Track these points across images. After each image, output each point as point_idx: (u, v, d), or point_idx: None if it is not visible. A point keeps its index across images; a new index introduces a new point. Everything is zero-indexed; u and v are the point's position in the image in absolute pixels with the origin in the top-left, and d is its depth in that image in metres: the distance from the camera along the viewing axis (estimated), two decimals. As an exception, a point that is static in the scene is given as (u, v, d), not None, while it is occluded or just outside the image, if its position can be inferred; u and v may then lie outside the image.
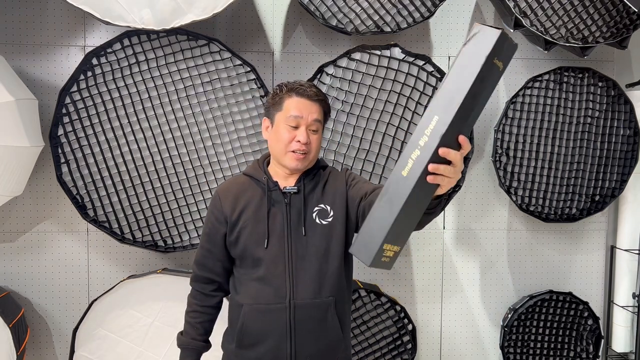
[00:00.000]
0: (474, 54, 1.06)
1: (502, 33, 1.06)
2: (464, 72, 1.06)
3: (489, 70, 1.07)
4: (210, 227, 1.61)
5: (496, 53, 1.06)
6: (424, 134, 1.08)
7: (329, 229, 1.55)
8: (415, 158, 1.08)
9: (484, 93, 1.10)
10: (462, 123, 1.09)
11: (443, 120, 1.06)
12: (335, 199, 1.58)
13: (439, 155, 1.07)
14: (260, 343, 1.54)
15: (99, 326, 2.26)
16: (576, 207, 2.67)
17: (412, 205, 1.10)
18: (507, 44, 1.08)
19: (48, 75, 2.49)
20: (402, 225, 1.12)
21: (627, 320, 2.77)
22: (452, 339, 2.83)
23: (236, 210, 1.56)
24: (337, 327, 1.58)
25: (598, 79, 2.61)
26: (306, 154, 1.53)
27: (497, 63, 1.08)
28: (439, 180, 1.10)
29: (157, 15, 2.08)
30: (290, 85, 1.56)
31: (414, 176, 1.08)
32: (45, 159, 2.44)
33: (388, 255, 1.14)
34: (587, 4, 2.40)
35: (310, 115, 1.53)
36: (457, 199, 2.75)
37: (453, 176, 1.11)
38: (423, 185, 1.09)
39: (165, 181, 2.32)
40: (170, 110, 2.29)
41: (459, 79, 1.07)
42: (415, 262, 2.77)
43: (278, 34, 2.62)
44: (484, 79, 1.07)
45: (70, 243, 2.55)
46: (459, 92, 1.06)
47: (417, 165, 1.08)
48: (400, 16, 2.36)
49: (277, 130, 1.55)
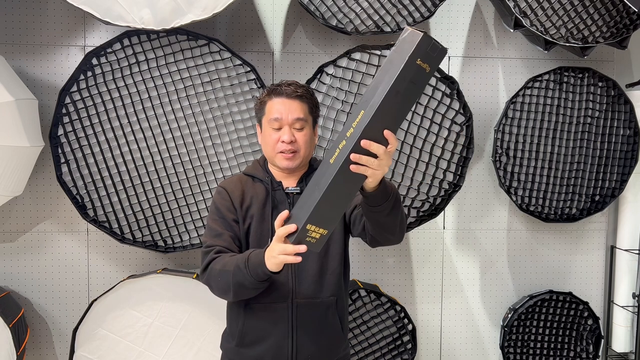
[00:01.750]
0: (399, 54, 1.15)
1: (425, 36, 1.13)
2: (389, 71, 1.15)
3: (412, 71, 1.15)
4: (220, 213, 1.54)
5: (419, 54, 1.14)
6: (351, 126, 1.18)
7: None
8: (341, 147, 1.19)
9: (409, 92, 1.17)
10: (387, 118, 1.17)
11: (367, 114, 1.15)
12: None
13: (361, 146, 1.17)
14: (262, 341, 1.54)
15: (99, 326, 2.26)
16: (576, 207, 2.67)
17: (336, 190, 1.19)
18: (431, 46, 1.15)
19: (48, 75, 2.49)
20: (327, 209, 1.21)
21: (627, 320, 2.77)
22: (452, 339, 2.83)
23: (244, 205, 1.56)
24: (338, 326, 1.59)
25: (598, 79, 2.61)
26: (295, 152, 1.53)
27: (421, 65, 1.16)
28: (362, 170, 1.19)
29: (157, 15, 2.08)
30: (270, 88, 1.57)
31: (337, 163, 1.18)
32: (45, 159, 2.44)
33: (313, 236, 1.24)
34: (587, 4, 2.40)
35: (291, 114, 1.52)
36: (457, 199, 2.75)
37: (377, 168, 1.20)
38: (347, 173, 1.18)
39: (165, 181, 2.32)
40: (170, 110, 2.29)
41: (383, 77, 1.16)
42: (415, 262, 2.77)
43: (278, 34, 2.62)
44: (406, 78, 1.15)
45: (70, 243, 2.55)
46: (382, 89, 1.14)
47: (342, 154, 1.18)
48: (400, 16, 2.36)
49: (264, 134, 1.57)
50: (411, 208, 2.39)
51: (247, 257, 1.39)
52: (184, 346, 2.28)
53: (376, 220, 1.39)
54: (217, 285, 1.46)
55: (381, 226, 1.41)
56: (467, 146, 2.38)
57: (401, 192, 2.35)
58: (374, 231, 1.44)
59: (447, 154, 2.37)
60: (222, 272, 1.43)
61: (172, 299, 2.28)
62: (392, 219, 1.39)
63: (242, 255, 1.43)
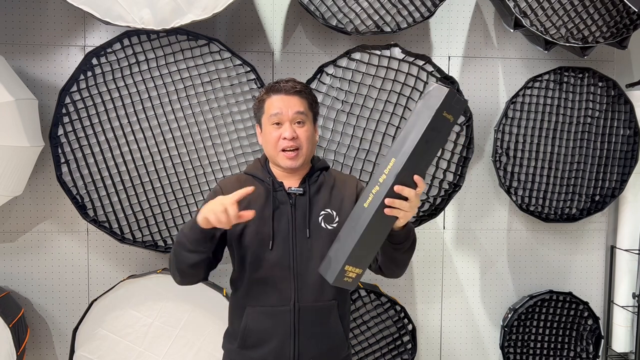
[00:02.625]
0: (427, 107, 1.28)
1: (450, 91, 1.27)
2: (418, 122, 1.27)
3: (439, 121, 1.28)
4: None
5: (445, 107, 1.27)
6: (383, 172, 1.29)
7: (334, 235, 1.54)
8: (375, 193, 1.29)
9: (436, 141, 1.30)
10: (417, 165, 1.29)
11: (399, 161, 1.27)
12: (342, 206, 1.58)
13: (395, 191, 1.27)
14: (264, 344, 1.54)
15: (99, 326, 2.26)
16: (576, 207, 2.67)
17: (372, 233, 1.30)
18: (455, 99, 1.28)
19: (48, 75, 2.49)
20: (363, 250, 1.31)
21: (627, 320, 2.77)
22: (452, 339, 2.83)
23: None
24: (340, 329, 1.59)
25: (598, 79, 2.61)
26: (297, 149, 1.52)
27: (446, 116, 1.28)
28: (396, 212, 1.29)
29: (157, 15, 2.08)
30: (268, 86, 1.58)
31: (372, 208, 1.28)
32: (45, 159, 2.44)
33: (350, 276, 1.33)
34: (587, 4, 2.40)
35: (291, 109, 1.52)
36: (457, 199, 2.75)
37: (408, 210, 1.30)
38: (381, 217, 1.29)
39: (165, 181, 2.32)
40: (170, 110, 2.29)
41: (413, 127, 1.28)
42: (415, 262, 2.77)
43: (278, 34, 2.62)
44: (434, 129, 1.27)
45: (70, 243, 2.55)
46: (412, 139, 1.27)
47: (376, 198, 1.28)
48: (400, 16, 2.36)
49: (265, 133, 1.56)
50: (411, 208, 2.38)
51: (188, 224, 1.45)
52: (184, 346, 2.28)
53: (393, 256, 1.48)
54: (171, 267, 1.51)
55: (395, 261, 1.51)
56: (467, 146, 2.38)
57: (401, 192, 2.35)
58: (386, 265, 1.53)
59: (447, 154, 2.37)
60: (173, 251, 1.49)
61: (172, 299, 2.28)
62: (407, 256, 1.50)
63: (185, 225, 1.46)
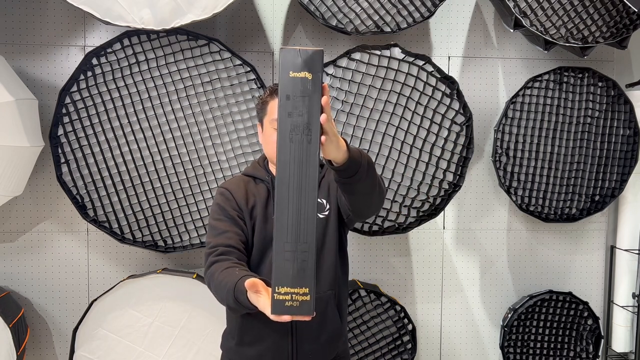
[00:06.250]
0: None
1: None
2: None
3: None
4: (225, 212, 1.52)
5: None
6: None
7: (325, 222, 1.57)
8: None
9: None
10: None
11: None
12: (329, 192, 1.61)
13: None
14: (261, 340, 1.55)
15: (99, 326, 2.26)
16: (576, 207, 2.67)
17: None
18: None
19: (48, 75, 2.49)
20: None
21: (627, 320, 2.77)
22: (451, 339, 2.83)
23: (249, 205, 1.56)
24: (337, 319, 1.60)
25: (598, 79, 2.61)
26: None
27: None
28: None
29: (157, 15, 2.08)
30: (272, 87, 1.58)
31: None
32: (45, 159, 2.44)
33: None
34: (587, 4, 2.40)
35: None
36: (457, 199, 2.75)
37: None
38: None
39: (165, 181, 2.32)
40: (170, 110, 2.29)
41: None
42: (415, 262, 2.77)
43: (278, 34, 2.62)
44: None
45: (70, 243, 2.55)
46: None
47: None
48: (400, 16, 2.36)
49: (265, 134, 1.57)
50: (411, 208, 2.39)
51: (234, 288, 1.33)
52: (184, 346, 2.28)
53: (355, 190, 1.37)
54: (216, 297, 1.44)
55: (360, 193, 1.39)
56: (467, 146, 2.38)
57: (401, 192, 2.35)
58: (354, 205, 1.44)
59: (447, 154, 2.37)
60: (219, 289, 1.40)
61: (172, 299, 2.28)
62: (370, 182, 1.37)
63: (233, 281, 1.35)
